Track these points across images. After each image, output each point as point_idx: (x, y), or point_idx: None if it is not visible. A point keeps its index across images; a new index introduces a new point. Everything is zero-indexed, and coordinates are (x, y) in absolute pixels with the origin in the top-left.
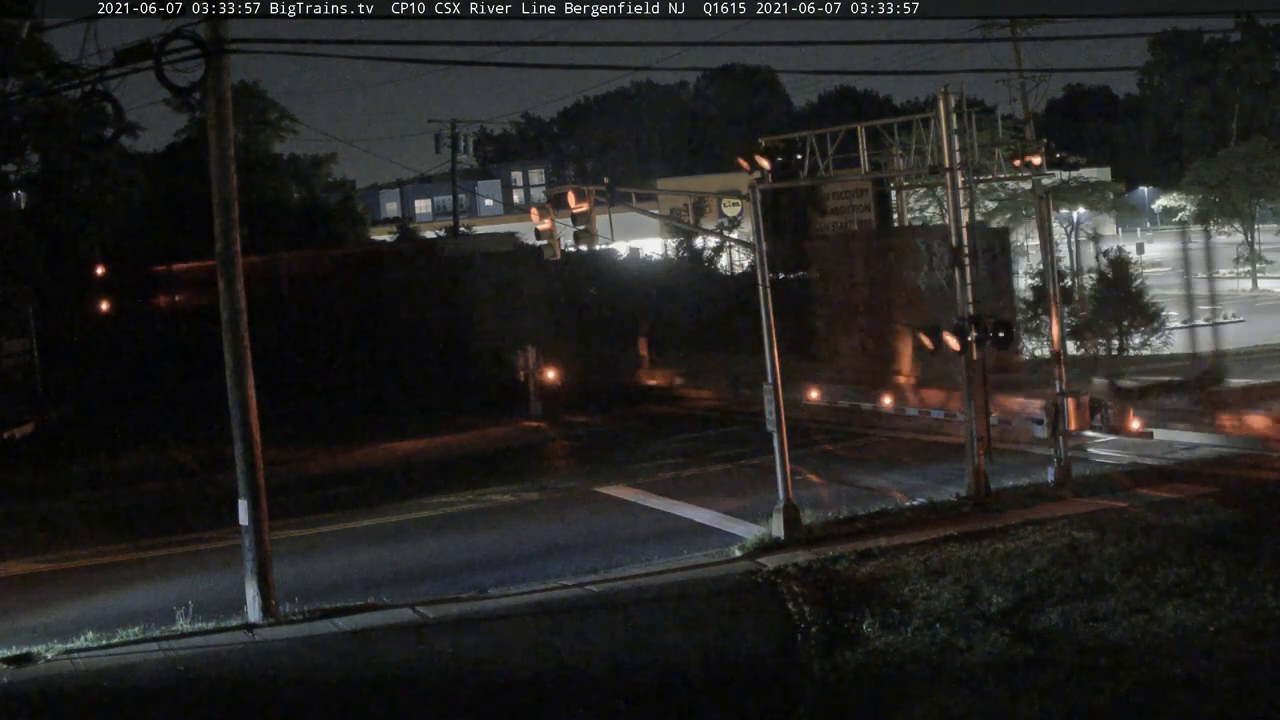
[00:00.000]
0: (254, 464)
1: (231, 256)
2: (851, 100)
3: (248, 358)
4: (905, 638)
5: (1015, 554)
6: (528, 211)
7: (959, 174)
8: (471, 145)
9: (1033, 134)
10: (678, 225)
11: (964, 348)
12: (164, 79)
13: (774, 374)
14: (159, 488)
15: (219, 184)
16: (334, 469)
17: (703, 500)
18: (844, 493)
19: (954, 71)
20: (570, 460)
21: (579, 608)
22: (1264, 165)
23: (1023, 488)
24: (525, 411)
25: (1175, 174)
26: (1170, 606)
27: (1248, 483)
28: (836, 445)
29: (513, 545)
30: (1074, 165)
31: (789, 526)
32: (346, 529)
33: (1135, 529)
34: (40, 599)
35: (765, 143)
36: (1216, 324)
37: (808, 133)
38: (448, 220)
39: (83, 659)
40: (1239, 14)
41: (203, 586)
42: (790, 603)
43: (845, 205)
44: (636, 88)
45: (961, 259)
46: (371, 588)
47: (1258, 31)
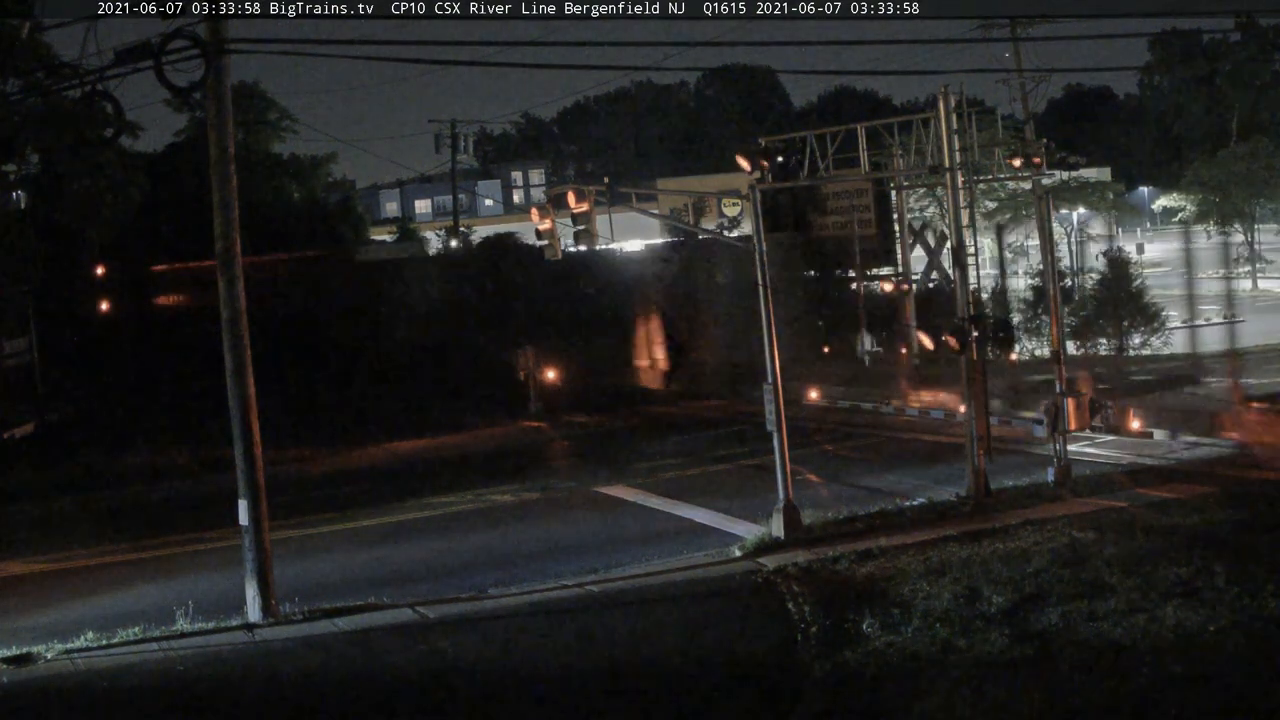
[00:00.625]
0: (254, 464)
1: (231, 256)
2: (851, 100)
3: (248, 358)
4: (905, 638)
5: (1015, 554)
6: (528, 211)
7: (959, 174)
8: (471, 145)
9: (1033, 134)
10: (678, 225)
11: (963, 348)
12: (164, 79)
13: (774, 374)
14: (159, 488)
15: (219, 184)
16: (334, 469)
17: (703, 500)
18: (844, 493)
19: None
20: (570, 460)
21: (579, 608)
22: (1264, 165)
23: (1023, 488)
24: (525, 411)
25: (1175, 174)
26: (1170, 606)
27: (1248, 483)
28: (836, 445)
29: (513, 545)
30: (1074, 165)
31: (789, 526)
32: (346, 529)
33: (1135, 529)
34: (40, 599)
35: (765, 143)
36: (1214, 324)
37: (808, 133)
38: (448, 220)
39: (83, 659)
40: (1239, 14)
41: (203, 586)
42: (790, 603)
43: (845, 205)
44: (636, 88)
45: (962, 259)
46: (371, 588)
47: (1258, 31)
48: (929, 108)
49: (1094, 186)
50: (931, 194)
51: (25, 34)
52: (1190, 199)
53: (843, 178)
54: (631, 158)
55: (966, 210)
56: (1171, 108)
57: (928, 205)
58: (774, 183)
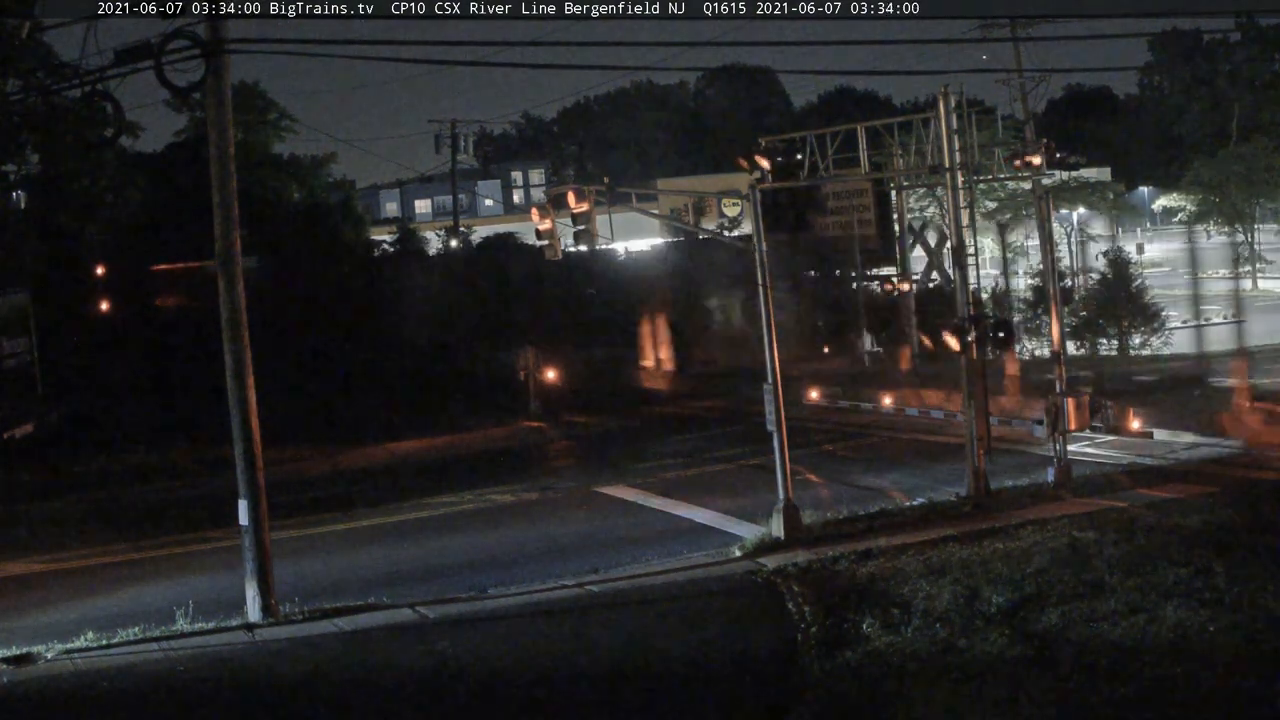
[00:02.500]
0: (254, 464)
1: (231, 256)
2: (851, 100)
3: (248, 358)
4: (905, 638)
5: (1015, 554)
6: (528, 211)
7: (959, 174)
8: (471, 145)
9: (1033, 134)
10: (678, 225)
11: (964, 348)
12: (164, 79)
13: (774, 374)
14: (159, 488)
15: (219, 184)
16: (334, 469)
17: (703, 500)
18: (844, 493)
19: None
20: (570, 460)
21: (579, 608)
22: (1264, 165)
23: (1023, 488)
24: (525, 411)
25: (1175, 174)
26: (1170, 606)
27: (1248, 483)
28: (836, 445)
29: (513, 545)
30: (1074, 165)
31: (789, 526)
32: (346, 529)
33: (1135, 529)
34: (40, 599)
35: (765, 143)
36: (1216, 324)
37: (808, 133)
38: (448, 220)
39: (83, 659)
40: (1239, 14)
41: (203, 586)
42: (790, 603)
43: (845, 205)
44: (636, 88)
45: (962, 259)
46: (371, 588)
47: (1258, 31)
48: (929, 108)
49: (1094, 186)
50: (931, 194)
51: (25, 34)
52: (1190, 199)
53: (843, 178)
54: (631, 158)
55: (966, 210)
56: (1171, 108)
57: (928, 205)
58: (774, 183)
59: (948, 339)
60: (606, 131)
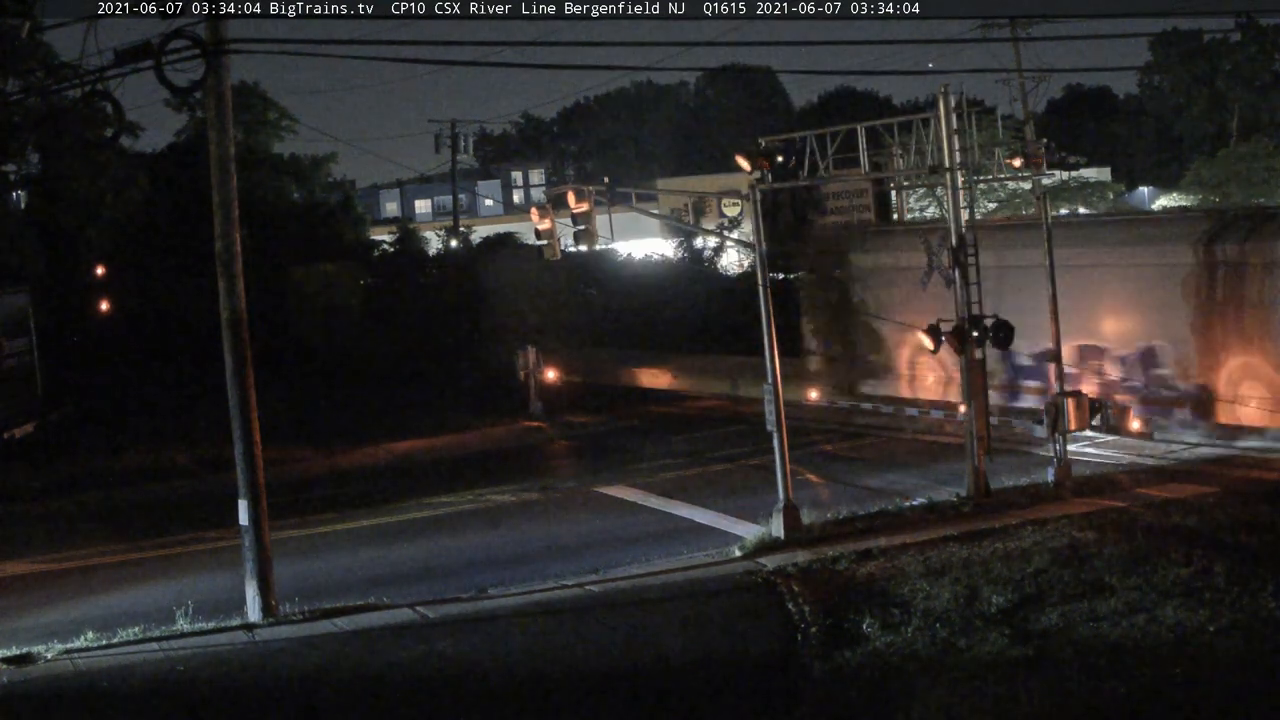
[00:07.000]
0: (254, 464)
1: (231, 256)
2: (851, 100)
3: (248, 358)
4: (905, 638)
5: (1015, 554)
6: (528, 211)
7: (959, 174)
8: (471, 145)
9: (1033, 134)
10: (678, 225)
11: (964, 348)
12: (164, 79)
13: (774, 374)
14: (159, 488)
15: (219, 184)
16: (334, 469)
17: (703, 500)
18: (844, 493)
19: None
20: (570, 460)
21: (579, 608)
22: (1264, 165)
23: (1023, 488)
24: (525, 411)
25: (1175, 174)
26: (1170, 606)
27: (1248, 483)
28: (836, 445)
29: (513, 545)
30: (1074, 165)
31: (789, 526)
32: (346, 529)
33: (1135, 529)
34: (40, 599)
35: (765, 143)
36: None
37: (808, 133)
38: (448, 220)
39: (83, 659)
40: (1239, 14)
41: (203, 586)
42: (790, 603)
43: (845, 205)
44: (636, 88)
45: (963, 259)
46: (371, 588)
47: (1258, 31)
48: (929, 108)
49: (1094, 186)
50: (931, 194)
51: (25, 34)
52: (1190, 199)
53: (843, 178)
54: (631, 158)
55: (966, 210)
56: (1171, 108)
57: (928, 205)
58: (774, 183)
59: (948, 339)
60: (606, 131)
